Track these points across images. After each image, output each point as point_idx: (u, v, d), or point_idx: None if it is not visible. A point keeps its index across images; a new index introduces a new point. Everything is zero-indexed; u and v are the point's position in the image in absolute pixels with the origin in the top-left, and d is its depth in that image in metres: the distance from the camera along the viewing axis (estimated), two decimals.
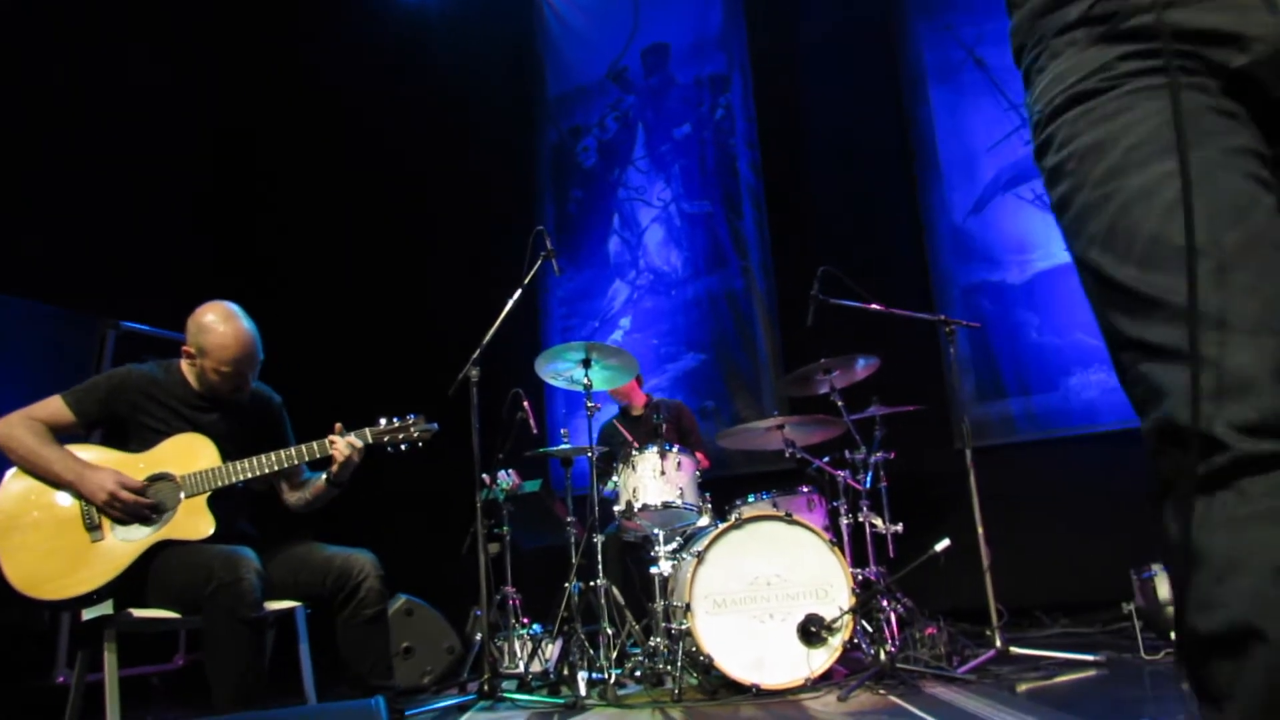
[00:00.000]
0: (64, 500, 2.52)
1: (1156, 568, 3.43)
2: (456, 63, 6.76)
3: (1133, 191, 0.97)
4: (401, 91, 6.72)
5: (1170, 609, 3.33)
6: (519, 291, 3.91)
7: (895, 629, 3.71)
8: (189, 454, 2.62)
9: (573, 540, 3.91)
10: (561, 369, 3.94)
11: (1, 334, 4.20)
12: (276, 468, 2.66)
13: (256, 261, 6.34)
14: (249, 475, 2.64)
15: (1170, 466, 0.91)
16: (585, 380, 3.86)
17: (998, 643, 3.49)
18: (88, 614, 2.49)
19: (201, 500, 2.57)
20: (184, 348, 2.75)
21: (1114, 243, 0.98)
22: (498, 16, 6.93)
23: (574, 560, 3.81)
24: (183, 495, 2.57)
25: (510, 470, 4.32)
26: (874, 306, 4.06)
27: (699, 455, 4.00)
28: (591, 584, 3.69)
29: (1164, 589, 3.36)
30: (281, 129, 6.67)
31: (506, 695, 3.47)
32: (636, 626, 3.80)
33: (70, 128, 5.27)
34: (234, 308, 2.76)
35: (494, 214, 6.56)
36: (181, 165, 6.02)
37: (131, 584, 2.48)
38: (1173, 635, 3.31)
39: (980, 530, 3.63)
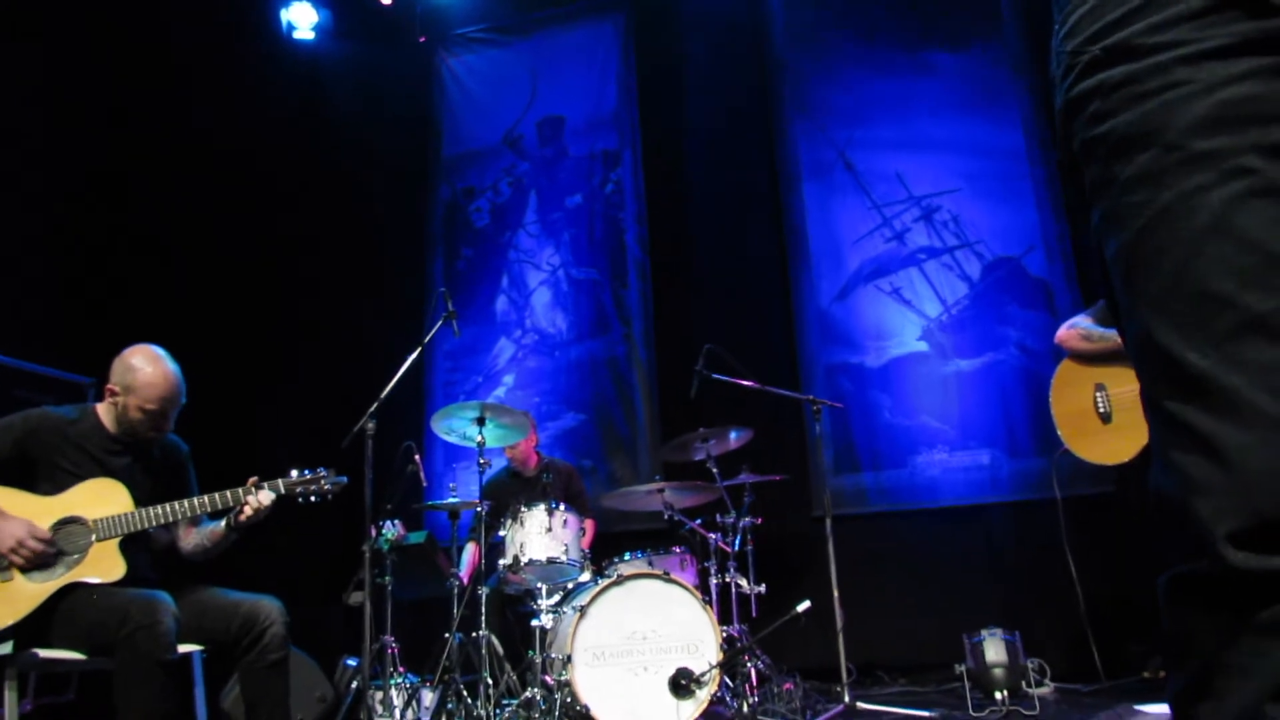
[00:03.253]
0: None
1: (985, 632, 3.86)
2: (353, 114, 6.87)
3: (1162, 206, 0.78)
4: (295, 139, 6.76)
5: (996, 670, 3.76)
6: (418, 350, 4.06)
7: (755, 684, 4.00)
8: (101, 498, 2.66)
9: (455, 591, 4.03)
10: (456, 426, 4.11)
11: None
12: (190, 514, 2.73)
13: (138, 307, 6.14)
14: (162, 521, 2.69)
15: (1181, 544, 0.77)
16: (479, 438, 4.04)
17: (846, 699, 3.81)
18: None
19: (113, 544, 2.62)
20: (108, 386, 2.81)
21: (1136, 267, 0.81)
22: (396, 73, 7.10)
23: (456, 611, 3.93)
24: (94, 538, 2.61)
25: (396, 521, 4.41)
26: (749, 384, 4.42)
27: (587, 524, 4.20)
28: (472, 635, 3.82)
29: (991, 652, 3.78)
30: (169, 173, 6.52)
31: None
32: (514, 677, 3.94)
33: None
34: (160, 351, 2.86)
35: (385, 267, 6.66)
36: (64, 203, 5.83)
37: (36, 624, 2.48)
38: (997, 695, 3.73)
39: (835, 593, 3.98)
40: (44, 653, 2.51)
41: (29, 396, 4.10)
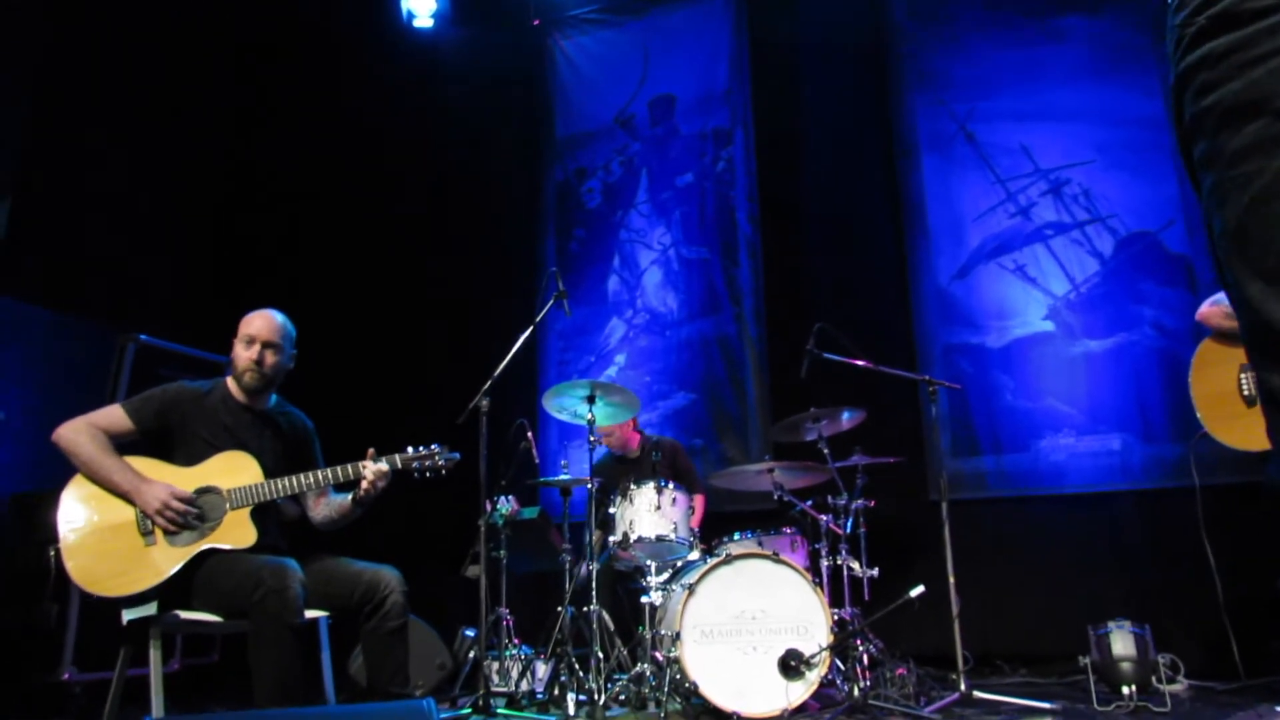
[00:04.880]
0: (121, 506, 2.72)
1: (1112, 624, 3.68)
2: (469, 99, 7.01)
3: (1274, 175, 0.73)
4: (415, 124, 6.95)
5: (1124, 664, 3.58)
6: (530, 329, 4.14)
7: (867, 668, 3.94)
8: (233, 469, 2.84)
9: (567, 566, 4.10)
10: (566, 404, 4.17)
11: (22, 343, 4.34)
12: (315, 486, 2.88)
13: (270, 289, 6.47)
14: (288, 492, 2.85)
15: None
16: (589, 415, 4.09)
17: (962, 686, 3.70)
18: (130, 614, 2.67)
19: (245, 513, 2.79)
20: None
21: (1247, 241, 0.76)
22: (510, 56, 7.20)
23: (568, 586, 4.01)
24: (228, 507, 2.79)
25: (510, 497, 4.52)
26: (861, 363, 4.33)
27: (697, 500, 4.21)
28: (584, 609, 3.90)
29: (1118, 645, 3.61)
30: (301, 163, 6.84)
31: (499, 711, 3.65)
32: (624, 652, 4.00)
33: (98, 140, 5.46)
34: (278, 312, 3.12)
35: (499, 248, 6.80)
36: (202, 187, 6.23)
37: (177, 587, 2.67)
38: (1125, 690, 3.56)
39: (951, 579, 3.87)
40: (185, 614, 2.69)
41: (172, 374, 4.38)
